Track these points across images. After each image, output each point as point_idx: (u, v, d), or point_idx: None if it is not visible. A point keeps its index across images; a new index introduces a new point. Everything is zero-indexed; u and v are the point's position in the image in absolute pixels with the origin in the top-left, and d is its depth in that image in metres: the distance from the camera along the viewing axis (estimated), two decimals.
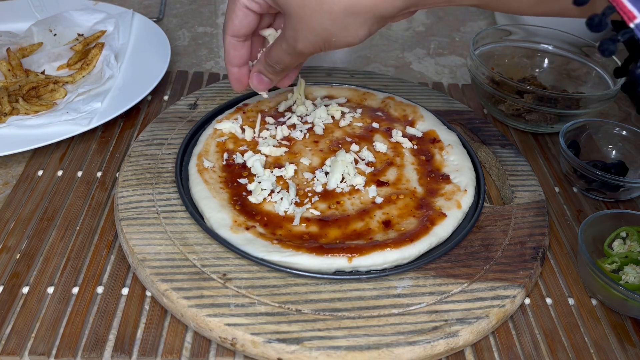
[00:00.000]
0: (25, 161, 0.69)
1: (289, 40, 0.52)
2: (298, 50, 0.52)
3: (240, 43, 0.58)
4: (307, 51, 0.52)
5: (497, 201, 0.67)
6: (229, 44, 0.58)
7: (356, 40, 0.50)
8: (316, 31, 0.49)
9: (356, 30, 0.48)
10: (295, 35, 0.50)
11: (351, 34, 0.49)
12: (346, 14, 0.47)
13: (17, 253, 0.57)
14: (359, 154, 0.66)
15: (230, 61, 0.60)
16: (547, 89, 0.80)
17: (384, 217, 0.59)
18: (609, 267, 0.58)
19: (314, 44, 0.51)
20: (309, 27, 0.49)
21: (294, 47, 0.52)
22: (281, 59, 0.55)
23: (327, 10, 0.47)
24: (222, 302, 0.50)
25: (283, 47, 0.53)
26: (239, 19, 0.55)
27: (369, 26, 0.48)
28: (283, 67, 0.57)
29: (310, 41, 0.50)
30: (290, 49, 0.53)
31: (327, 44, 0.50)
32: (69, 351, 0.49)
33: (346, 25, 0.48)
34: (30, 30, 0.87)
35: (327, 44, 0.50)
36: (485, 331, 0.51)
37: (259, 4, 0.54)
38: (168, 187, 0.61)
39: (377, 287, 0.53)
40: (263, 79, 0.60)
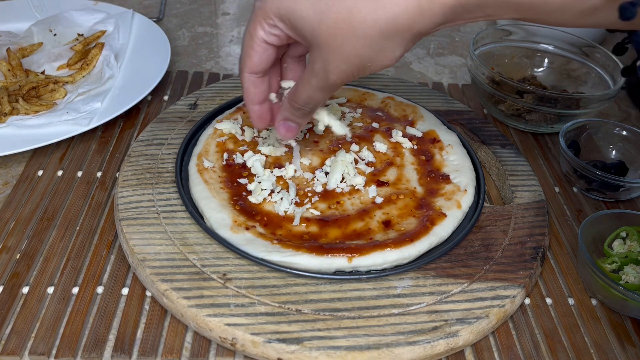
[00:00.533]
0: (25, 161, 0.69)
1: (319, 75, 0.48)
2: (331, 82, 0.48)
3: (259, 79, 0.54)
4: (340, 82, 0.48)
5: (497, 201, 0.67)
6: (248, 82, 0.54)
7: (392, 62, 0.46)
8: (350, 60, 0.45)
9: (392, 51, 0.45)
10: (327, 67, 0.46)
11: (387, 56, 0.45)
12: (383, 36, 0.44)
13: (17, 253, 0.57)
14: (359, 154, 0.66)
15: (251, 100, 0.55)
16: (547, 89, 0.80)
17: (384, 217, 0.59)
18: (609, 267, 0.58)
19: (348, 74, 0.47)
20: (342, 57, 0.45)
21: (326, 81, 0.48)
22: (311, 97, 0.51)
23: (361, 35, 0.44)
24: (222, 302, 0.50)
25: (313, 83, 0.49)
26: (258, 54, 0.51)
27: (405, 45, 0.45)
28: (313, 106, 0.52)
29: (343, 71, 0.46)
30: (321, 84, 0.48)
31: (361, 71, 0.47)
32: (69, 351, 0.49)
33: (382, 48, 0.45)
34: (30, 30, 0.87)
35: (361, 71, 0.47)
36: (485, 331, 0.51)
37: (279, 37, 0.49)
38: (168, 187, 0.61)
39: (377, 287, 0.53)
40: (291, 126, 0.55)
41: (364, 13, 0.43)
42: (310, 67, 0.48)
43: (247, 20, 1.04)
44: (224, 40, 0.98)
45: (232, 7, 1.09)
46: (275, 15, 0.47)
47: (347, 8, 0.43)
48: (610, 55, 0.79)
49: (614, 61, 0.78)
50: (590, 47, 0.82)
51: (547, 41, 0.85)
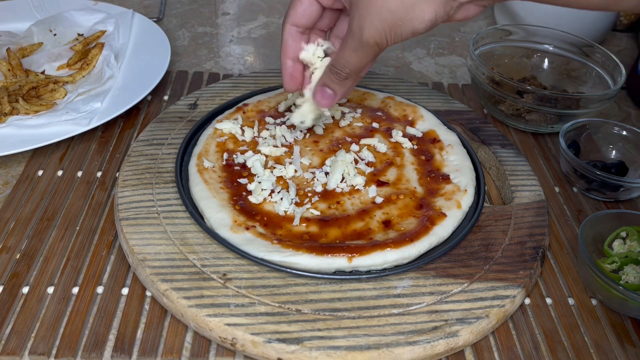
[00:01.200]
0: (25, 161, 0.69)
1: (354, 33, 0.50)
2: (364, 40, 0.50)
3: (299, 34, 0.57)
4: (373, 41, 0.50)
5: (497, 201, 0.67)
6: (288, 33, 0.57)
7: (422, 26, 0.48)
8: (382, 15, 0.48)
9: (422, 11, 0.47)
10: (362, 24, 0.49)
11: (418, 16, 0.47)
12: None
13: (17, 253, 0.57)
14: (359, 154, 0.66)
15: (286, 52, 0.58)
16: (547, 89, 0.80)
17: (384, 217, 0.59)
18: (609, 267, 0.58)
19: (381, 31, 0.49)
20: (376, 10, 0.48)
21: (360, 38, 0.50)
22: (347, 59, 0.53)
23: None
24: (222, 302, 0.50)
25: (349, 43, 0.52)
26: (303, 7, 0.55)
27: (436, 7, 0.47)
28: (350, 69, 0.54)
29: (377, 27, 0.49)
30: (356, 43, 0.51)
31: (393, 31, 0.49)
32: (69, 351, 0.49)
33: (413, 5, 0.47)
34: (30, 30, 0.87)
35: (393, 31, 0.49)
36: (485, 331, 0.51)
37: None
38: (168, 187, 0.61)
39: (377, 287, 0.53)
40: (327, 92, 0.57)
41: None
42: (348, 29, 0.51)
43: (247, 20, 1.05)
44: (224, 40, 0.98)
45: (232, 7, 1.09)
46: None
47: None
48: (610, 55, 0.79)
49: (614, 61, 0.78)
50: (590, 47, 0.82)
51: (547, 41, 0.85)
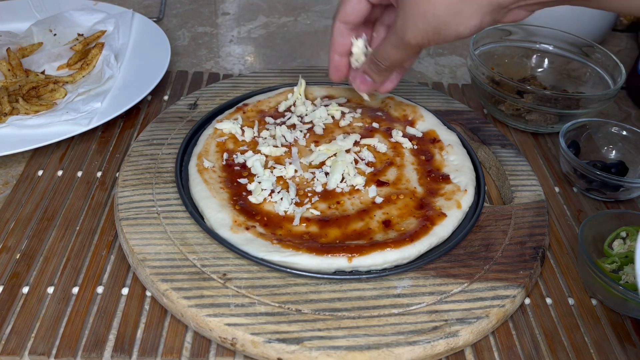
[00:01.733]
0: (25, 161, 0.69)
1: (398, 32, 0.51)
2: (406, 40, 0.51)
3: (347, 31, 0.59)
4: (415, 42, 0.50)
5: (497, 201, 0.67)
6: (337, 30, 0.59)
7: (467, 31, 0.48)
8: (427, 18, 0.48)
9: (468, 18, 0.47)
10: (405, 24, 0.50)
11: (463, 22, 0.47)
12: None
13: (17, 253, 0.57)
14: (359, 154, 0.66)
15: (334, 48, 0.60)
16: (547, 89, 0.80)
17: (384, 217, 0.59)
18: (609, 267, 0.58)
19: (424, 33, 0.49)
20: (421, 13, 0.48)
21: (403, 38, 0.51)
22: (388, 54, 0.54)
23: None
24: (222, 302, 0.50)
25: (392, 40, 0.53)
26: (352, 4, 0.56)
27: (482, 15, 0.47)
28: (389, 63, 0.56)
29: (420, 29, 0.49)
30: (398, 41, 0.52)
31: (437, 34, 0.49)
32: (69, 351, 0.49)
33: (459, 12, 0.47)
34: (30, 30, 0.87)
35: (437, 34, 0.49)
36: (485, 331, 0.51)
37: None
38: (168, 187, 0.61)
39: (377, 287, 0.53)
40: (367, 79, 0.60)
41: None
42: (393, 25, 0.52)
43: (247, 20, 1.05)
44: (224, 40, 0.98)
45: (232, 7, 1.09)
46: None
47: None
48: (610, 55, 0.79)
49: (614, 61, 0.78)
50: (590, 47, 0.82)
51: (547, 41, 0.85)
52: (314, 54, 0.97)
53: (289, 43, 0.99)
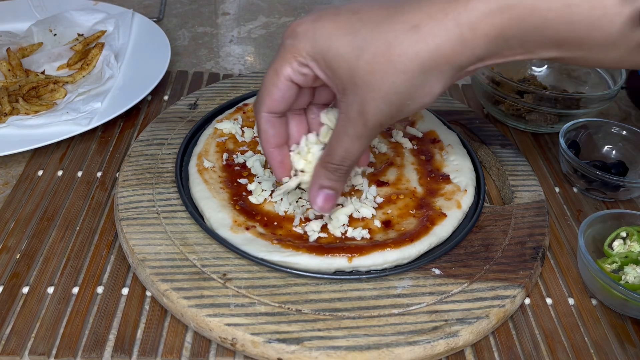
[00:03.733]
0: (25, 161, 0.69)
1: (356, 121, 0.44)
2: (369, 126, 0.44)
3: (278, 120, 0.50)
4: (379, 125, 0.45)
5: (497, 201, 0.67)
6: (266, 122, 0.50)
7: (431, 100, 0.44)
8: (389, 98, 0.43)
9: (432, 87, 0.43)
10: (365, 109, 0.43)
11: (427, 92, 0.43)
12: (423, 70, 0.41)
13: (17, 253, 0.57)
14: None
15: (268, 141, 0.51)
16: (547, 89, 0.80)
17: (384, 217, 0.59)
18: (609, 267, 0.58)
19: (387, 115, 0.44)
20: (381, 95, 0.42)
21: (365, 125, 0.44)
22: (348, 150, 0.47)
23: (401, 69, 0.41)
24: (222, 302, 0.50)
25: (349, 132, 0.45)
26: (281, 93, 0.47)
27: (444, 80, 0.43)
28: (351, 161, 0.48)
29: (382, 111, 0.43)
30: (359, 130, 0.45)
31: (400, 111, 0.44)
32: (69, 351, 0.49)
33: (422, 84, 0.42)
34: (30, 30, 0.87)
35: (400, 111, 0.44)
36: (485, 331, 0.51)
37: (306, 77, 0.46)
38: (168, 187, 0.61)
39: (377, 287, 0.53)
40: (329, 194, 0.51)
41: (405, 46, 0.41)
42: (344, 116, 0.45)
43: (247, 20, 1.05)
44: (224, 40, 0.98)
45: (232, 7, 1.09)
46: (309, 54, 0.45)
47: (386, 41, 0.41)
48: None
49: None
50: None
51: None
52: None
53: None
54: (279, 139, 0.52)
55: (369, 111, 0.44)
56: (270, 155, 0.52)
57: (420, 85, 0.42)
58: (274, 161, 0.52)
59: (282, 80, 0.47)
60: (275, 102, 0.48)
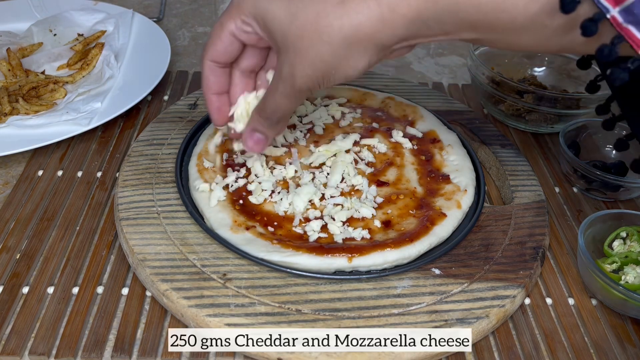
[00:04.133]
0: (25, 161, 0.69)
1: (286, 80, 0.48)
2: (297, 87, 0.48)
3: (220, 69, 0.54)
4: (306, 88, 0.48)
5: (497, 201, 0.67)
6: (208, 69, 0.54)
7: (355, 73, 0.47)
8: (315, 64, 0.46)
9: (356, 61, 0.46)
10: (293, 72, 0.47)
11: (351, 65, 0.46)
12: (346, 43, 0.44)
13: (17, 253, 0.57)
14: (359, 154, 0.66)
15: (209, 87, 0.55)
16: (547, 89, 0.80)
17: (384, 217, 0.59)
18: (609, 267, 0.58)
19: (313, 79, 0.47)
20: (308, 60, 0.46)
21: (292, 86, 0.48)
22: (278, 105, 0.51)
23: (326, 40, 0.44)
24: (222, 302, 0.50)
25: (280, 89, 0.49)
26: (224, 45, 0.52)
27: (369, 57, 0.45)
28: (280, 115, 0.52)
29: (309, 76, 0.47)
30: (288, 89, 0.49)
31: (326, 78, 0.47)
32: (69, 351, 0.49)
33: (346, 56, 0.45)
34: (30, 30, 0.87)
35: (326, 78, 0.47)
36: (485, 331, 0.51)
37: (248, 35, 0.50)
38: (168, 187, 0.61)
39: (377, 287, 0.53)
40: (259, 138, 0.55)
41: (331, 18, 0.43)
42: (277, 74, 0.49)
43: None
44: None
45: None
46: (251, 13, 0.48)
47: (315, 12, 0.44)
48: None
49: None
50: None
51: None
52: None
53: None
54: (219, 86, 0.55)
55: (296, 74, 0.47)
56: (209, 100, 0.56)
57: (344, 57, 0.45)
58: (212, 107, 0.56)
59: (226, 34, 0.51)
60: (217, 53, 0.52)
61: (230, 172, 0.62)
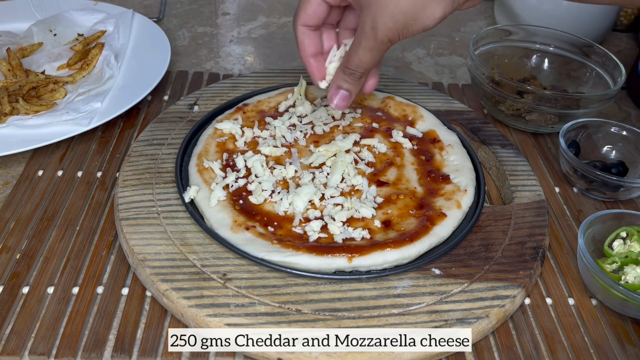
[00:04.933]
0: (25, 161, 0.69)
1: (367, 34, 0.52)
2: (379, 40, 0.52)
3: (312, 32, 0.59)
4: (387, 40, 0.52)
5: (497, 201, 0.67)
6: (302, 33, 0.59)
7: (432, 23, 0.51)
8: (395, 16, 0.50)
9: (433, 10, 0.50)
10: (375, 25, 0.51)
11: (429, 15, 0.50)
12: None
13: (17, 253, 0.57)
14: (359, 154, 0.66)
15: (305, 51, 0.60)
16: (547, 89, 0.80)
17: (384, 217, 0.59)
18: (609, 267, 0.58)
19: (394, 31, 0.51)
20: (388, 13, 0.50)
21: (374, 39, 0.52)
22: (361, 59, 0.55)
23: None
24: (222, 302, 0.50)
25: (362, 44, 0.53)
26: (313, 8, 0.57)
27: (445, 6, 0.50)
28: (364, 69, 0.56)
29: (390, 28, 0.51)
30: (370, 43, 0.53)
31: (406, 29, 0.51)
32: (69, 351, 0.49)
33: (425, 6, 0.49)
34: (30, 30, 0.87)
35: (406, 29, 0.51)
36: (485, 331, 0.51)
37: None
38: (168, 187, 0.61)
39: (377, 287, 0.53)
40: (344, 94, 0.59)
41: None
42: (360, 30, 0.53)
43: (247, 20, 1.05)
44: (224, 40, 0.98)
45: (232, 7, 1.09)
46: None
47: None
48: (610, 55, 0.79)
49: (614, 61, 0.78)
50: (590, 47, 0.82)
51: (547, 41, 0.85)
52: None
53: (289, 43, 0.99)
54: (314, 48, 0.60)
55: (378, 27, 0.51)
56: (308, 63, 0.61)
57: (422, 7, 0.49)
58: (311, 68, 0.61)
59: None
60: (308, 16, 0.58)
61: (230, 172, 0.62)
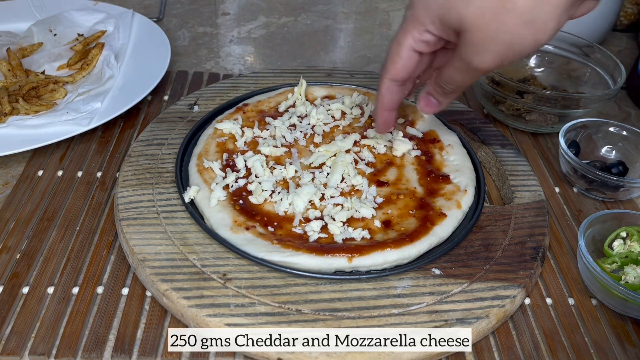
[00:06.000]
0: (25, 161, 0.69)
1: (463, 57, 0.48)
2: (473, 65, 0.48)
3: (397, 87, 0.56)
4: (486, 66, 0.47)
5: (497, 201, 0.67)
6: (387, 88, 0.56)
7: (545, 37, 0.44)
8: (498, 38, 0.44)
9: (545, 23, 0.43)
10: (473, 50, 0.47)
11: (540, 29, 0.43)
12: (533, 5, 0.42)
13: (17, 253, 0.57)
14: (359, 154, 0.66)
15: (384, 106, 0.58)
16: (547, 89, 0.80)
17: (384, 217, 0.59)
18: (609, 267, 0.58)
19: (495, 56, 0.46)
20: (489, 36, 0.45)
21: (469, 63, 0.48)
22: (453, 78, 0.52)
23: (510, 8, 0.42)
24: (222, 302, 0.50)
25: (456, 65, 0.50)
26: (403, 61, 0.53)
27: (559, 16, 0.43)
28: (455, 87, 0.54)
29: (490, 52, 0.46)
30: (464, 66, 0.49)
31: (509, 52, 0.45)
32: (69, 351, 0.49)
33: (533, 20, 0.43)
34: (30, 30, 0.87)
35: (509, 52, 0.45)
36: (485, 331, 0.51)
37: (428, 43, 0.51)
38: (168, 187, 0.61)
39: (377, 287, 0.53)
40: (431, 101, 0.58)
41: None
42: (456, 52, 0.49)
43: (247, 20, 1.05)
44: (224, 40, 0.98)
45: (232, 7, 1.09)
46: (429, 19, 0.49)
47: None
48: (610, 55, 0.79)
49: (614, 61, 0.78)
50: (590, 47, 0.82)
51: None
52: (314, 54, 0.97)
53: (289, 43, 0.99)
54: (394, 104, 0.59)
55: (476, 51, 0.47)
56: (381, 115, 0.60)
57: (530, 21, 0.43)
58: (381, 120, 0.61)
59: (405, 50, 0.52)
60: (398, 70, 0.54)
61: (230, 172, 0.62)
